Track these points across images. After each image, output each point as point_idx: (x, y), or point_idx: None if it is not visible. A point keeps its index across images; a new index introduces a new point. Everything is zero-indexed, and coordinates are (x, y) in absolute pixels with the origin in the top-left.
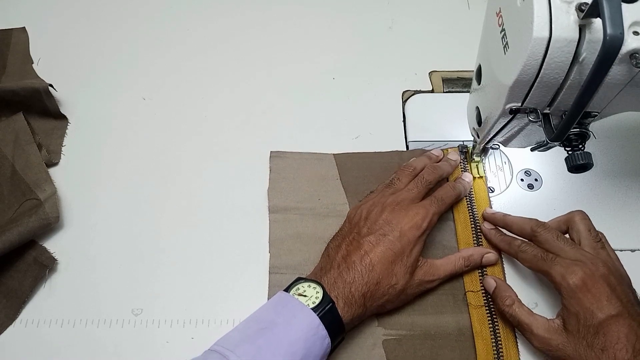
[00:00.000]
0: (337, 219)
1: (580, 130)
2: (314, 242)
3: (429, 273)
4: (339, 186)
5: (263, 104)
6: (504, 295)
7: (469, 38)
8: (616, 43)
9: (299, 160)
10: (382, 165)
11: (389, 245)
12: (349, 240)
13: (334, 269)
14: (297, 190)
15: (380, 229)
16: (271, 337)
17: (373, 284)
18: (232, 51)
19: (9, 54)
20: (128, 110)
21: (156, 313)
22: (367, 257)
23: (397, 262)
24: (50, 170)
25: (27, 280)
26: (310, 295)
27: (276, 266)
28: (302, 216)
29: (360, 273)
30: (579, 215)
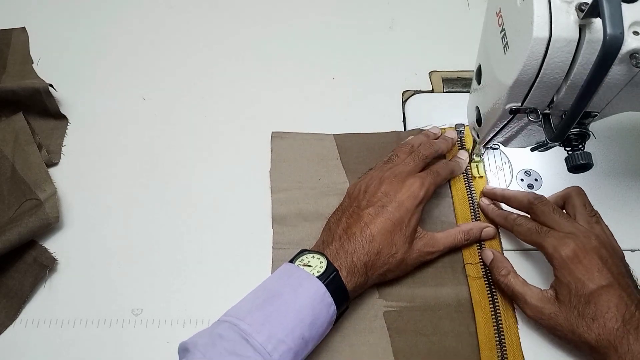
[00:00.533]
0: (338, 197)
1: (580, 130)
2: (315, 219)
3: (428, 244)
4: (339, 166)
5: (263, 105)
6: (500, 266)
7: (469, 38)
8: (616, 43)
9: (300, 141)
10: (381, 144)
11: (388, 216)
12: (349, 213)
13: (336, 240)
14: (298, 170)
15: (379, 201)
16: (279, 304)
17: (374, 253)
18: (232, 51)
19: (9, 53)
20: (128, 110)
21: (156, 313)
22: (367, 228)
23: (397, 231)
24: (50, 170)
25: (27, 280)
26: (315, 265)
27: (279, 242)
28: (303, 195)
29: (361, 244)
30: (575, 190)
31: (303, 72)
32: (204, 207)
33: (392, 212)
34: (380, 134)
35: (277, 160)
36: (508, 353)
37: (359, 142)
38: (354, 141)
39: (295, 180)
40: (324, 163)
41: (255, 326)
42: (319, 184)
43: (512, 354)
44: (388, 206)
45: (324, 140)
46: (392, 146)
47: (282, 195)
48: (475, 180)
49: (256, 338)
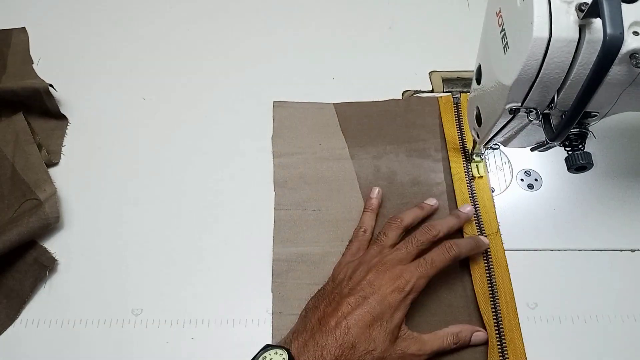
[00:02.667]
0: (338, 161)
1: (580, 130)
2: (315, 182)
3: (413, 346)
4: (339, 132)
5: (263, 107)
6: None
7: (469, 38)
8: (616, 43)
9: (301, 110)
10: (379, 112)
11: (368, 309)
12: (329, 300)
13: (307, 331)
14: (299, 136)
15: (362, 291)
16: None
17: (348, 347)
18: (232, 51)
19: (9, 54)
20: (128, 110)
21: (156, 313)
22: (343, 319)
23: (376, 326)
24: (51, 170)
25: (28, 280)
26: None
27: (281, 203)
28: (304, 159)
29: (335, 336)
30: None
31: (304, 72)
32: (204, 207)
33: (373, 305)
34: (379, 102)
35: (279, 127)
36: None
37: (358, 110)
38: (353, 109)
39: (296, 146)
40: (324, 130)
41: None
42: (319, 149)
43: None
44: (370, 298)
45: (324, 109)
46: (390, 114)
47: (284, 160)
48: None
49: None
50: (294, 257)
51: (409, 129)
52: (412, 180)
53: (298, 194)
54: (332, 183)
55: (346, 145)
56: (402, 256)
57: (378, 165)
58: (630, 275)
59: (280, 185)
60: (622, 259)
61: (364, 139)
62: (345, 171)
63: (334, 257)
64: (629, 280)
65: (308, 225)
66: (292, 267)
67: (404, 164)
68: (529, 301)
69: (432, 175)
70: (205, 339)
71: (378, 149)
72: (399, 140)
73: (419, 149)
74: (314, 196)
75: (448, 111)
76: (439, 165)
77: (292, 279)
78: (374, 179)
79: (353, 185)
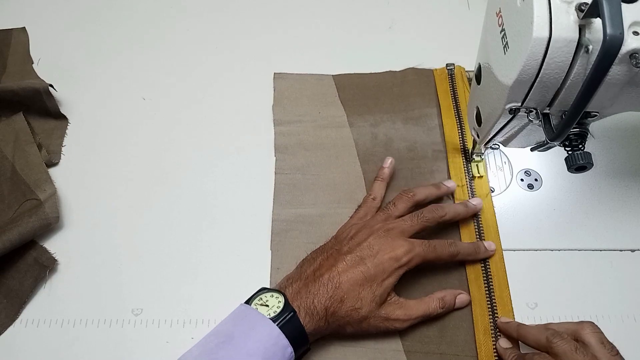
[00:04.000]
0: (336, 129)
1: (580, 130)
2: (315, 148)
3: (399, 311)
4: (338, 102)
5: (263, 110)
6: None
7: (469, 38)
8: (616, 43)
9: (300, 81)
10: (376, 83)
11: (363, 269)
12: (327, 254)
13: (301, 280)
14: (299, 105)
15: (360, 251)
16: (230, 349)
17: (337, 300)
18: (231, 51)
19: (9, 54)
20: (128, 110)
21: (156, 313)
22: (337, 274)
23: (366, 287)
24: (50, 170)
25: (28, 280)
26: (272, 305)
27: (282, 168)
28: (304, 127)
29: (326, 287)
30: (588, 327)
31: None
32: (205, 207)
33: (367, 267)
34: (377, 74)
35: (279, 97)
36: None
37: (356, 81)
38: (351, 80)
39: (296, 114)
40: (323, 99)
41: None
42: (319, 117)
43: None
44: (366, 259)
45: (323, 80)
46: (387, 84)
47: (284, 127)
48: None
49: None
50: (292, 218)
51: (405, 99)
52: (409, 146)
53: (298, 160)
54: (331, 149)
55: (345, 114)
56: (405, 227)
57: (375, 132)
58: (630, 275)
59: (281, 151)
60: (622, 259)
61: (361, 108)
62: (343, 138)
63: (330, 218)
64: (629, 280)
65: (307, 189)
66: (290, 226)
67: (400, 131)
68: (529, 301)
69: (428, 141)
70: None
71: (375, 117)
72: (396, 109)
73: (414, 117)
74: (313, 162)
75: (443, 82)
76: (434, 132)
77: (290, 238)
78: (371, 145)
79: (351, 152)
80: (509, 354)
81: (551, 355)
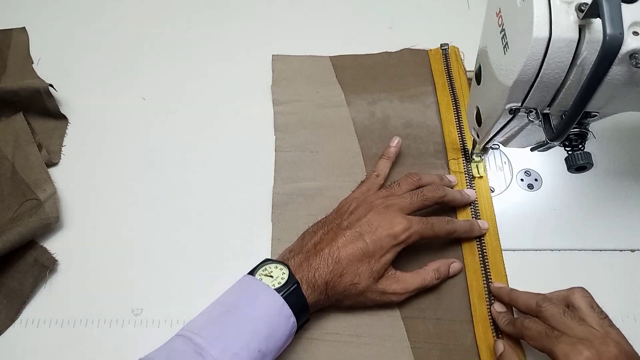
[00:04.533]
0: (334, 108)
1: (580, 130)
2: (313, 127)
3: (395, 285)
4: (335, 82)
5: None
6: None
7: (469, 38)
8: (616, 43)
9: (298, 62)
10: (373, 63)
11: (361, 245)
12: (328, 228)
13: (303, 253)
14: (297, 86)
15: (359, 227)
16: (235, 318)
17: (337, 275)
18: (231, 51)
19: (9, 54)
20: (128, 110)
21: (156, 313)
22: (336, 250)
23: (364, 262)
24: (50, 170)
25: (28, 280)
26: (276, 276)
27: (281, 146)
28: (303, 106)
29: (326, 262)
30: (578, 292)
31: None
32: (204, 207)
33: (366, 243)
34: (373, 55)
35: (278, 78)
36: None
37: (353, 62)
38: (348, 61)
39: (294, 94)
40: (321, 80)
41: (210, 340)
42: (317, 97)
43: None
44: (365, 236)
45: (320, 61)
46: (383, 64)
47: (283, 107)
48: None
49: (210, 352)
50: (292, 191)
51: (401, 78)
52: (405, 123)
53: (297, 138)
54: (330, 128)
55: (342, 93)
56: (404, 204)
57: (373, 110)
58: (630, 275)
59: (281, 130)
60: (622, 259)
61: (358, 87)
62: (341, 117)
63: (330, 192)
64: (629, 280)
65: (306, 165)
66: (290, 199)
67: (397, 109)
68: None
69: (423, 118)
70: None
71: (372, 96)
72: (392, 88)
73: (411, 95)
74: (312, 139)
75: (437, 61)
76: (429, 109)
77: (290, 210)
78: (369, 123)
79: (349, 130)
80: (502, 317)
81: (540, 319)
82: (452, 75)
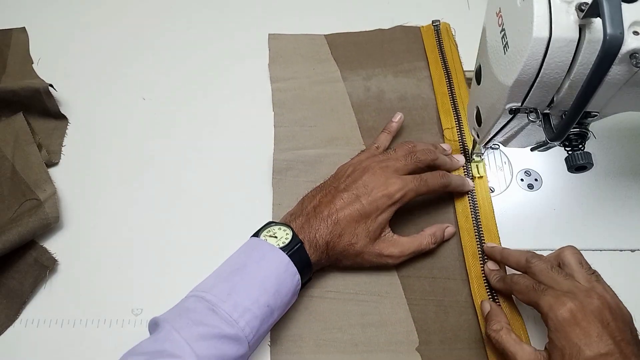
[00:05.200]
0: (330, 84)
1: (580, 130)
2: (311, 102)
3: (392, 248)
4: (331, 59)
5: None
6: (494, 320)
7: (469, 38)
8: (616, 43)
9: (294, 41)
10: (367, 40)
11: (358, 206)
12: (326, 192)
13: (303, 216)
14: (294, 63)
15: (356, 189)
16: (244, 275)
17: (336, 235)
18: (231, 52)
19: (9, 54)
20: (128, 110)
21: (156, 313)
22: (335, 212)
23: (361, 223)
24: (50, 170)
25: (28, 281)
26: (280, 236)
27: (280, 122)
28: (300, 83)
29: (326, 223)
30: (568, 249)
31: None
32: (205, 206)
33: (362, 204)
34: (366, 32)
35: (275, 57)
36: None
37: (348, 39)
38: (343, 38)
39: (291, 71)
40: (316, 57)
41: (221, 296)
42: (313, 73)
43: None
44: (361, 197)
45: (316, 39)
46: (377, 41)
47: (281, 84)
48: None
49: (222, 307)
50: (292, 158)
51: (395, 54)
52: (400, 96)
53: (295, 114)
54: (326, 103)
55: (338, 69)
56: (399, 166)
57: (368, 85)
58: (630, 275)
59: (279, 106)
60: (622, 259)
61: (353, 63)
62: (337, 92)
63: (329, 158)
64: (629, 280)
65: (305, 138)
66: (290, 165)
67: (391, 83)
68: None
69: (418, 91)
70: None
71: (367, 72)
72: (387, 63)
73: (404, 70)
74: (310, 115)
75: (429, 37)
76: (423, 82)
77: (290, 176)
78: (364, 97)
79: (345, 104)
80: (494, 275)
81: (529, 274)
82: (444, 50)
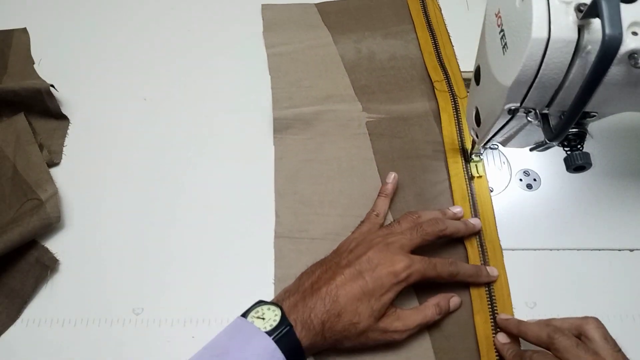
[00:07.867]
0: (323, 47)
1: (579, 131)
2: (305, 65)
3: (396, 322)
4: (322, 25)
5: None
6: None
7: (468, 38)
8: (615, 43)
9: (286, 11)
10: (356, 7)
11: (361, 283)
12: (326, 267)
13: (299, 293)
14: (287, 31)
15: (359, 264)
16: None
17: (334, 314)
18: (231, 51)
19: (10, 54)
20: (129, 110)
21: (157, 312)
22: (335, 288)
23: (364, 301)
24: (52, 170)
25: (29, 280)
26: (268, 318)
27: (277, 84)
28: (294, 48)
29: (323, 301)
30: (592, 323)
31: None
32: (205, 206)
33: (366, 281)
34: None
35: (268, 25)
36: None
37: (337, 7)
38: (333, 7)
39: (285, 37)
40: (309, 24)
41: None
42: (306, 38)
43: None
44: (365, 273)
45: (307, 8)
46: (365, 8)
47: (276, 49)
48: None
49: None
50: (291, 116)
51: (383, 19)
52: (390, 56)
53: (291, 76)
54: (320, 65)
55: (329, 34)
56: (405, 242)
57: (359, 47)
58: (630, 275)
59: (275, 70)
60: (622, 258)
61: (344, 28)
62: (330, 54)
63: (325, 115)
64: (628, 280)
65: (302, 97)
66: (289, 124)
67: (381, 45)
68: (528, 300)
69: (406, 51)
70: (206, 338)
71: (358, 35)
72: (376, 27)
73: (392, 33)
74: (305, 76)
75: (414, 2)
76: (411, 44)
77: (290, 135)
78: (356, 58)
79: (338, 66)
80: (507, 349)
81: (552, 351)
82: (429, 14)
